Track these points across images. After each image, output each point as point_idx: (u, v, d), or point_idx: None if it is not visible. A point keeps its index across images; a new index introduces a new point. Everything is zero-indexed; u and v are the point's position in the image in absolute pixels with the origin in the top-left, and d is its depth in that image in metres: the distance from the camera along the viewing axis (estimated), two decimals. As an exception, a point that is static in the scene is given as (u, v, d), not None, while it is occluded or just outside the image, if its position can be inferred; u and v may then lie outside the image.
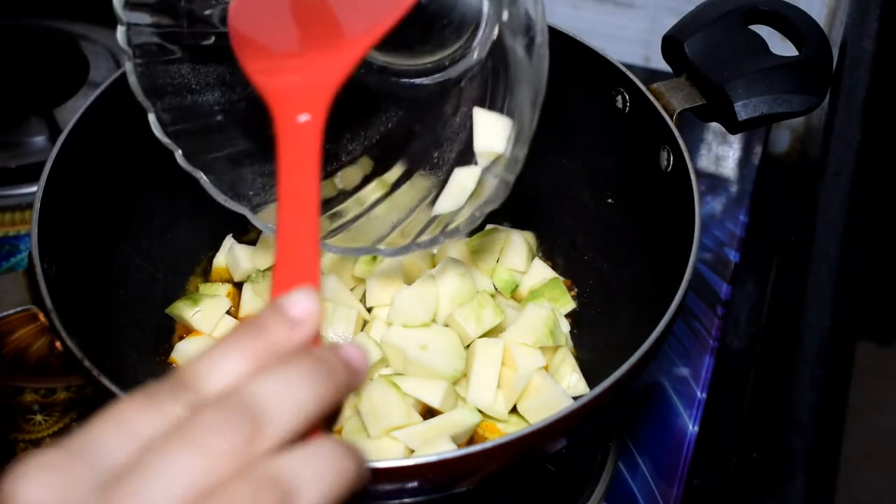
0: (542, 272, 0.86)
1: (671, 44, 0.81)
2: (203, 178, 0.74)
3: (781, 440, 0.58)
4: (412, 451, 0.72)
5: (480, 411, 0.76)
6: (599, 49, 0.81)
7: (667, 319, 0.64)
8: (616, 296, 0.84)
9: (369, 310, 0.84)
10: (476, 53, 0.74)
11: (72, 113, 0.79)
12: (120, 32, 0.68)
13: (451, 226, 0.71)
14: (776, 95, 0.77)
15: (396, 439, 0.73)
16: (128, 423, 0.37)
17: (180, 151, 0.73)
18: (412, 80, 0.78)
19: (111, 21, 0.67)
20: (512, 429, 0.75)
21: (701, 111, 0.79)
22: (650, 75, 1.03)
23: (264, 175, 0.77)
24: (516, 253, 0.87)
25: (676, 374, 0.90)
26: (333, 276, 0.83)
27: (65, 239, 0.72)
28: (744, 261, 1.00)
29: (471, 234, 0.87)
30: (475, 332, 0.78)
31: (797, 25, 0.80)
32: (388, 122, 0.81)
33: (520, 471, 0.75)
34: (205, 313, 0.82)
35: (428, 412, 0.76)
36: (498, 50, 0.71)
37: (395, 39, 0.64)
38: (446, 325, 0.79)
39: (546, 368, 0.78)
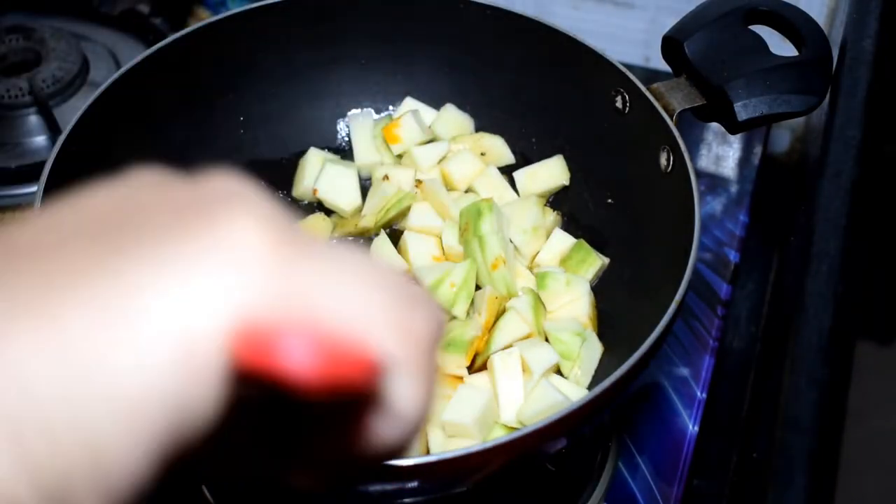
0: (561, 242, 0.86)
1: (671, 44, 0.81)
2: None
3: (781, 440, 0.57)
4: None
5: None
6: (599, 49, 0.81)
7: (667, 319, 0.64)
8: (615, 296, 0.84)
9: None
10: None
11: (72, 113, 0.78)
12: None
13: None
14: (776, 95, 0.77)
15: None
16: None
17: None
18: None
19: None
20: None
21: (701, 111, 0.79)
22: (650, 75, 1.03)
23: None
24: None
25: (676, 374, 0.90)
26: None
27: (65, 239, 0.72)
28: (744, 261, 1.00)
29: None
30: None
31: (797, 25, 0.80)
32: None
33: (520, 471, 0.75)
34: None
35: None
36: None
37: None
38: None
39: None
